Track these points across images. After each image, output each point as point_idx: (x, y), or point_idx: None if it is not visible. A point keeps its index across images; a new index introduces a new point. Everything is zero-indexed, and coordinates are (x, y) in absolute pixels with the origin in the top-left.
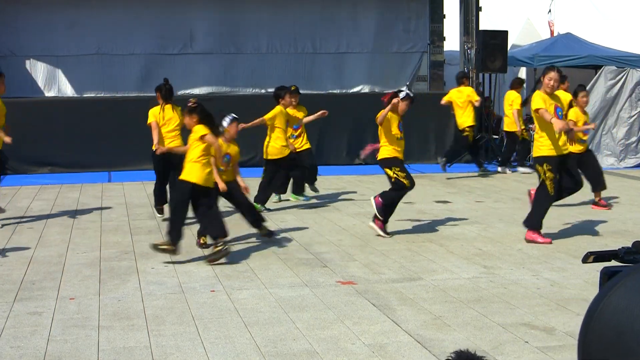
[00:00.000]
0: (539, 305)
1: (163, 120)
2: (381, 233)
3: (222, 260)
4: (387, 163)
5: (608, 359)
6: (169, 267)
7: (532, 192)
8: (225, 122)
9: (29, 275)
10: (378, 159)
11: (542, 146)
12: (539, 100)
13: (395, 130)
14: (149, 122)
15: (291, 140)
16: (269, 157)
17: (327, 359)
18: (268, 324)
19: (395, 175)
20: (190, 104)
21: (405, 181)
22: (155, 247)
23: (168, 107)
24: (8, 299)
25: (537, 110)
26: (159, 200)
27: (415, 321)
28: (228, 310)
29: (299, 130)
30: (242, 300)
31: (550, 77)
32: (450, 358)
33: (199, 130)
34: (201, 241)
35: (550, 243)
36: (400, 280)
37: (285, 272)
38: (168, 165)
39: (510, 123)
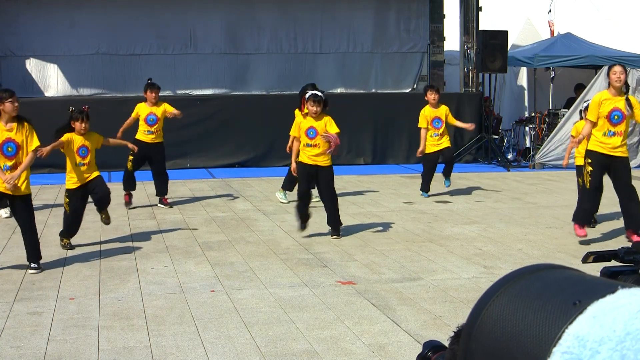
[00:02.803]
0: None
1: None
2: None
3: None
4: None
5: None
6: (169, 267)
7: None
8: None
9: (29, 275)
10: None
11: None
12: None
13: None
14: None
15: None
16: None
17: (327, 359)
18: (268, 324)
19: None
20: (85, 109)
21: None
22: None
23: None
24: (8, 299)
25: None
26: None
27: (415, 321)
28: (228, 310)
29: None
30: (242, 300)
31: (615, 71)
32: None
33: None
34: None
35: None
36: (400, 280)
37: (285, 272)
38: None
39: None
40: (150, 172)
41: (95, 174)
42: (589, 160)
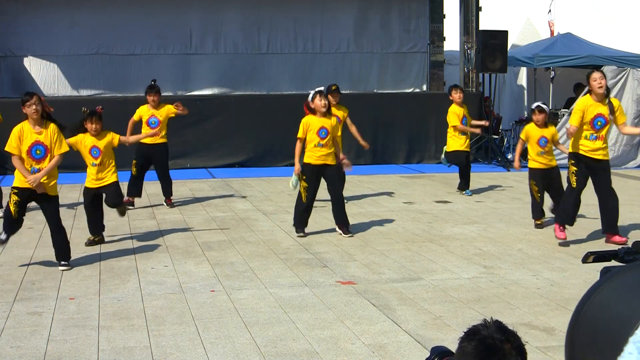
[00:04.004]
0: (539, 305)
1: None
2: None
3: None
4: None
5: (587, 358)
6: (169, 267)
7: None
8: None
9: (29, 275)
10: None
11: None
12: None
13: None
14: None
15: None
16: None
17: (327, 359)
18: (268, 324)
19: (303, 187)
20: (99, 110)
21: (304, 194)
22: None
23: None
24: (8, 299)
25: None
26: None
27: (415, 321)
28: (228, 310)
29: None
30: (242, 300)
31: (595, 78)
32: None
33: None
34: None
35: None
36: (400, 280)
37: (285, 272)
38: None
39: None
40: (152, 172)
41: (111, 179)
42: (573, 162)
